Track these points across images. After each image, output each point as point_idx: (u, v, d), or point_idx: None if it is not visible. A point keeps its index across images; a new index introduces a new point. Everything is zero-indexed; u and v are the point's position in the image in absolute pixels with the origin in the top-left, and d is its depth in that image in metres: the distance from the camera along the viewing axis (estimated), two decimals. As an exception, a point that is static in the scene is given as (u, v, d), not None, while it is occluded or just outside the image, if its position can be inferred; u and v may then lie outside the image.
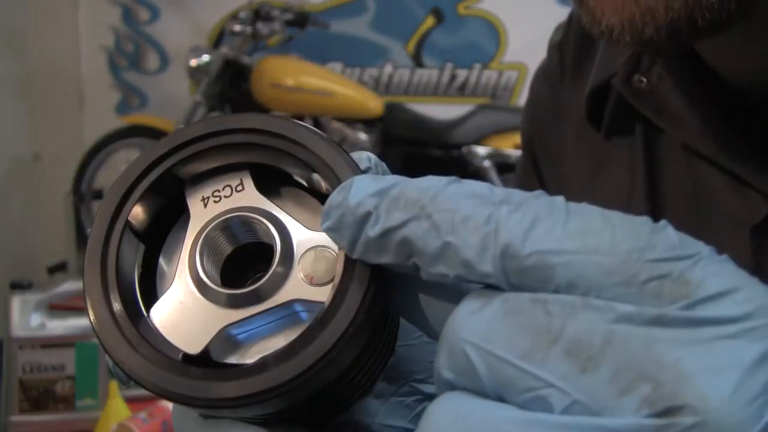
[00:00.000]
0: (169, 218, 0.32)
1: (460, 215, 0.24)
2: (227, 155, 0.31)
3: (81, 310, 1.93)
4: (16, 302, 1.85)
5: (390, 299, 0.29)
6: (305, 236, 0.30)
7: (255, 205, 0.31)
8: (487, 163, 2.98)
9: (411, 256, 0.25)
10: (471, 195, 0.25)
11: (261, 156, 0.31)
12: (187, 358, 0.28)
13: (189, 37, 3.63)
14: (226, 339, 0.29)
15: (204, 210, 0.31)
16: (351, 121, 3.13)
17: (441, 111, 3.35)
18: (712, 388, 0.20)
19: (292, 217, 0.31)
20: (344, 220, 0.26)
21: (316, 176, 0.31)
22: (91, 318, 0.28)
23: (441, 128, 3.13)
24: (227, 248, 0.31)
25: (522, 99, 3.61)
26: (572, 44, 0.66)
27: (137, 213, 0.31)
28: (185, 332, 0.29)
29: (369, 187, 0.26)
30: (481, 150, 2.99)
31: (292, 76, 3.12)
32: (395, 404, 0.35)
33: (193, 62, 3.23)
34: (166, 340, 0.29)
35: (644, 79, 0.55)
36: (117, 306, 0.29)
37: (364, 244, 0.26)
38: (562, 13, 0.71)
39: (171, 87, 3.78)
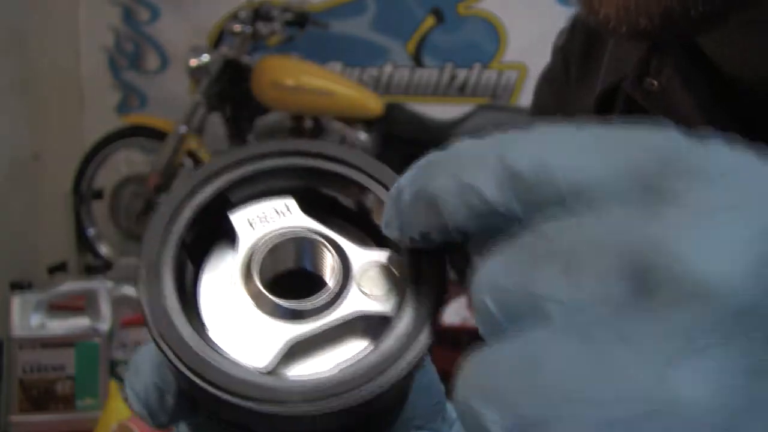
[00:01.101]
0: (204, 239, 0.32)
1: (469, 155, 0.24)
2: (271, 180, 0.32)
3: (81, 310, 1.93)
4: (16, 302, 1.84)
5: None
6: (359, 254, 0.30)
7: (305, 226, 0.31)
8: (487, 163, 2.98)
9: (441, 215, 0.25)
10: (481, 140, 0.25)
11: (307, 180, 0.32)
12: None
13: (189, 37, 3.63)
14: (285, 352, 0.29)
15: (252, 231, 0.31)
16: (351, 121, 3.13)
17: (441, 111, 3.35)
18: (692, 250, 0.19)
19: (343, 237, 0.31)
20: (389, 208, 0.27)
21: (370, 196, 0.31)
22: (158, 335, 0.27)
23: (441, 128, 3.13)
24: (280, 267, 0.31)
25: (522, 99, 3.60)
26: (577, 48, 0.66)
27: (188, 231, 0.30)
28: (247, 348, 0.28)
29: (409, 172, 0.27)
30: (481, 150, 2.99)
31: (292, 75, 3.12)
32: None
33: (193, 62, 3.23)
34: (229, 356, 0.28)
35: (654, 82, 0.55)
36: (181, 322, 0.28)
37: (402, 216, 0.26)
38: (562, 13, 0.71)
39: (171, 87, 3.78)
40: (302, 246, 0.31)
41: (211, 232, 0.32)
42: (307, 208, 0.32)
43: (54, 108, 3.70)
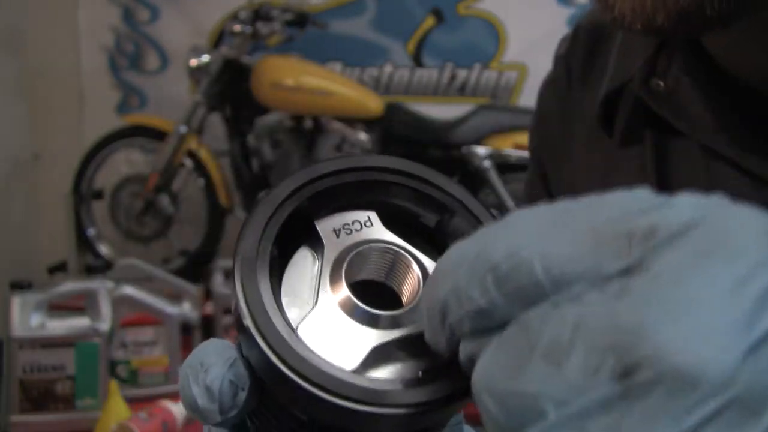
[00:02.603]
0: (287, 243, 0.33)
1: (455, 258, 0.25)
2: (356, 192, 0.33)
3: (81, 310, 1.93)
4: (16, 302, 1.84)
5: None
6: None
7: (387, 239, 0.32)
8: (487, 163, 2.98)
9: (446, 320, 0.26)
10: (467, 240, 0.26)
11: (390, 196, 0.33)
12: None
13: (189, 37, 3.63)
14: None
15: (337, 240, 0.32)
16: (351, 121, 3.13)
17: (441, 111, 3.35)
18: (669, 336, 0.20)
19: (422, 252, 0.32)
20: (427, 332, 0.27)
21: (455, 219, 0.33)
22: (263, 331, 0.28)
23: (441, 128, 3.13)
24: (362, 275, 0.32)
25: (522, 99, 3.60)
26: (579, 56, 0.66)
27: (280, 235, 0.32)
28: (335, 351, 0.29)
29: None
30: (481, 150, 2.99)
31: (292, 76, 3.12)
32: None
33: (193, 62, 3.23)
34: (322, 356, 0.29)
35: (661, 83, 0.55)
36: (279, 322, 0.29)
37: (431, 332, 0.27)
38: (562, 13, 0.71)
39: (171, 87, 3.78)
40: (388, 258, 0.32)
41: (295, 237, 0.33)
42: (387, 221, 0.33)
43: (54, 108, 3.70)
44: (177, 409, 1.82)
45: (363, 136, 3.12)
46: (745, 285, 0.20)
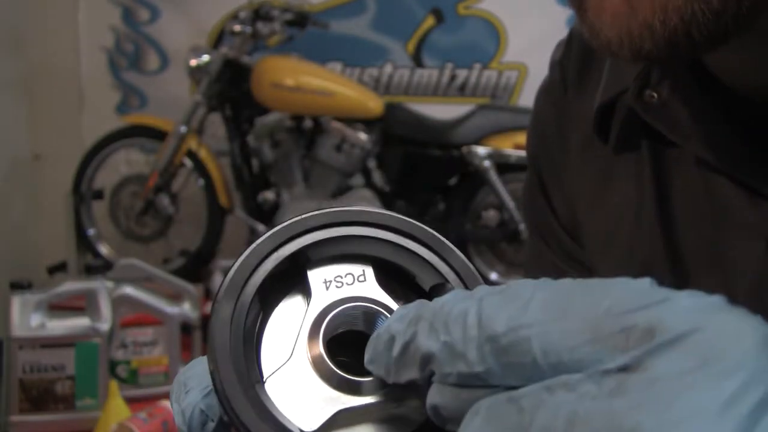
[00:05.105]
0: (279, 287, 0.32)
1: (453, 315, 0.26)
2: (354, 245, 0.32)
3: (81, 310, 1.93)
4: (16, 302, 1.84)
5: None
6: None
7: (377, 299, 0.32)
8: (486, 163, 2.98)
9: (430, 370, 0.26)
10: (465, 297, 0.26)
11: (388, 253, 0.33)
12: None
13: (189, 37, 3.63)
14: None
15: (326, 292, 0.32)
16: (351, 121, 3.13)
17: (441, 111, 3.35)
18: None
19: None
20: (377, 349, 0.28)
21: (447, 287, 0.32)
22: (217, 376, 0.28)
23: (441, 128, 3.13)
24: (341, 332, 0.32)
25: (522, 99, 3.60)
26: (574, 61, 0.66)
27: (265, 282, 0.31)
28: (298, 409, 0.29)
29: (395, 315, 0.28)
30: (481, 150, 3.00)
31: (292, 76, 3.12)
32: None
33: (193, 62, 3.23)
34: (281, 414, 0.29)
35: (654, 94, 0.55)
36: (241, 368, 0.29)
37: (393, 365, 0.27)
38: (562, 13, 0.71)
39: (171, 87, 3.78)
40: (372, 321, 0.32)
41: (287, 282, 0.32)
42: (382, 278, 0.33)
43: (54, 108, 3.70)
44: (177, 409, 1.82)
45: (363, 136, 3.12)
46: (737, 402, 0.20)
